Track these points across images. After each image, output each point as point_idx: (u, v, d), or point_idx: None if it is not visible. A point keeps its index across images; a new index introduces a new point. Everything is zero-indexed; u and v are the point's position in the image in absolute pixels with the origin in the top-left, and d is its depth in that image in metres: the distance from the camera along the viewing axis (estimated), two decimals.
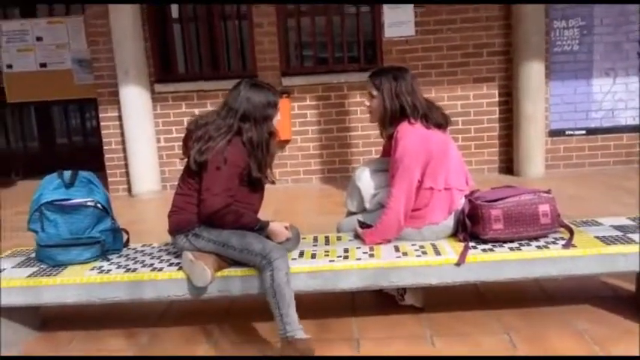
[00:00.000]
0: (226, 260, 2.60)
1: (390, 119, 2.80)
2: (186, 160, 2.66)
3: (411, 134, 2.72)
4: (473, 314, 2.82)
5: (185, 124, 2.78)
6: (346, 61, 6.62)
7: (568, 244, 2.60)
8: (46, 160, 6.61)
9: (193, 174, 2.61)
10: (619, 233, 2.74)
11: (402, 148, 2.70)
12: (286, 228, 2.73)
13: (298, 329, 2.37)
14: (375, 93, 2.83)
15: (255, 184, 2.69)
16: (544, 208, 2.68)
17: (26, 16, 7.68)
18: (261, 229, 2.62)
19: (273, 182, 2.79)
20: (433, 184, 2.74)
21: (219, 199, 2.52)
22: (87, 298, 2.62)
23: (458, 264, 2.56)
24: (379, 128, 2.95)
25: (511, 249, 2.61)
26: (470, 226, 2.70)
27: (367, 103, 2.91)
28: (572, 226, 2.74)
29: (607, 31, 6.29)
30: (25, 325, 2.83)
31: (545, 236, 2.72)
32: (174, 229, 2.69)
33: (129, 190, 6.54)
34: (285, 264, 2.45)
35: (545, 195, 2.71)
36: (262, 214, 2.75)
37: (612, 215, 3.14)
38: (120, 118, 6.41)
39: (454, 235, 2.81)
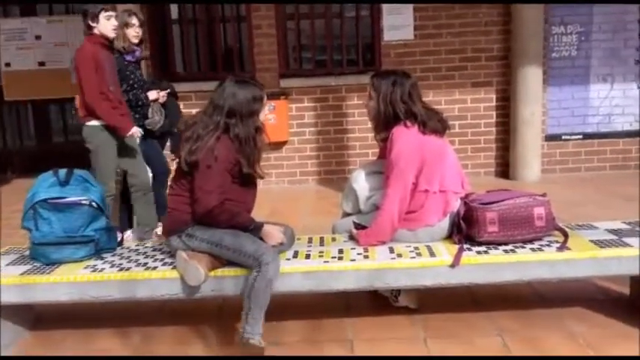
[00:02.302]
0: (220, 260, 2.60)
1: (383, 123, 2.82)
2: (177, 160, 2.65)
3: (406, 137, 2.72)
4: (466, 316, 2.83)
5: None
6: (345, 64, 6.63)
7: (562, 247, 2.61)
8: (43, 158, 6.59)
9: (185, 174, 2.61)
10: (614, 237, 2.74)
11: (397, 150, 2.71)
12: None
13: (257, 334, 2.42)
14: (373, 94, 2.84)
15: (246, 180, 2.69)
16: (539, 211, 2.68)
17: (26, 15, 7.68)
18: (255, 229, 2.61)
19: (262, 177, 2.76)
20: (428, 187, 2.74)
21: (212, 197, 2.52)
22: (80, 296, 2.62)
23: (452, 266, 2.56)
24: (373, 130, 2.96)
25: (505, 251, 2.61)
26: (465, 229, 2.70)
27: (365, 102, 2.93)
28: (567, 230, 2.75)
29: (605, 37, 6.31)
30: (18, 324, 2.82)
31: (539, 239, 2.72)
32: (169, 230, 2.69)
33: None
34: (274, 270, 2.45)
35: (541, 198, 2.72)
36: (258, 215, 2.75)
37: (607, 219, 3.14)
38: None
39: (449, 237, 2.81)
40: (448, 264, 2.56)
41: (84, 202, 2.79)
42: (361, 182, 2.98)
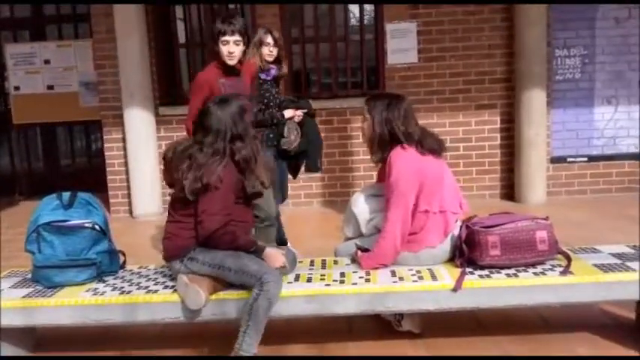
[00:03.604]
0: (221, 283, 2.59)
1: (378, 144, 2.83)
2: (172, 188, 2.67)
3: (404, 158, 2.73)
4: (471, 340, 2.80)
5: None
6: (349, 87, 6.67)
7: (565, 272, 2.59)
8: (50, 181, 6.61)
9: (186, 202, 2.60)
10: (618, 261, 2.72)
11: (395, 172, 2.71)
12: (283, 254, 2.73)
13: (252, 353, 2.43)
14: (367, 116, 2.86)
15: (249, 199, 2.71)
16: (541, 234, 2.67)
17: (35, 39, 7.79)
18: (257, 252, 2.62)
19: (266, 187, 2.79)
20: (428, 207, 2.74)
21: (216, 219, 2.54)
22: (81, 320, 2.62)
23: (454, 290, 2.54)
24: (369, 151, 2.96)
25: (508, 275, 2.60)
26: (467, 252, 2.69)
27: (360, 125, 2.95)
28: (570, 254, 2.73)
29: (609, 59, 6.32)
30: (19, 347, 2.82)
31: (542, 263, 2.70)
32: (169, 255, 2.69)
33: (130, 211, 6.54)
34: (275, 290, 2.45)
35: (543, 221, 2.71)
36: None
37: (612, 243, 3.12)
38: (124, 140, 6.45)
39: (451, 259, 2.80)
40: (450, 288, 2.55)
41: (87, 225, 2.81)
42: (361, 205, 2.98)
